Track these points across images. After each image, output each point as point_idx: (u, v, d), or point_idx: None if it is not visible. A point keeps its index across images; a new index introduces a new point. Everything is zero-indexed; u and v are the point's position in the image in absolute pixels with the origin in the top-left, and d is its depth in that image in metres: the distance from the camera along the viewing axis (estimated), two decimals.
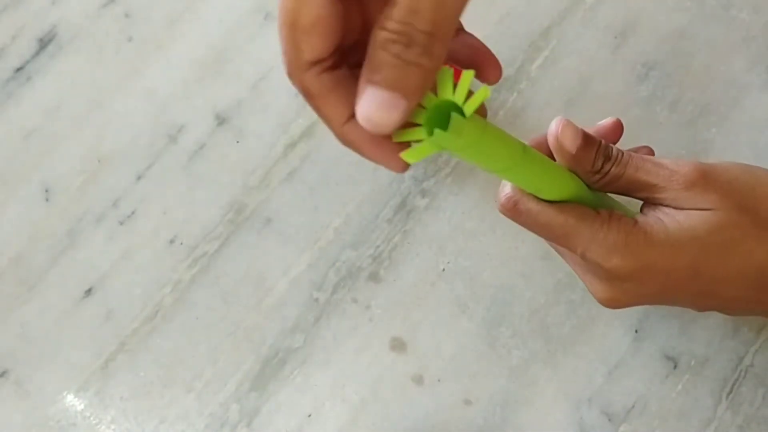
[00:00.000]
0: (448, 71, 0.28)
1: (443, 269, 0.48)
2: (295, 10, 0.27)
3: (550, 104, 0.50)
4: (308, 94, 0.29)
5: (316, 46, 0.27)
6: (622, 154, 0.35)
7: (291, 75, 0.29)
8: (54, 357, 0.47)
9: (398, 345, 0.47)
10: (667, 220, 0.34)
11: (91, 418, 0.46)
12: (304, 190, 0.49)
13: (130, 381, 0.47)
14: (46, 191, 0.50)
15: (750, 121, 0.49)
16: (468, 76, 0.27)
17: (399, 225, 0.48)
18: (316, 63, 0.28)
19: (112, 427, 0.46)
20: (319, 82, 0.28)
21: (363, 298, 0.48)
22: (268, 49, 0.51)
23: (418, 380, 0.46)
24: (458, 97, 0.27)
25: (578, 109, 0.50)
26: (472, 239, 0.48)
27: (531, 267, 0.47)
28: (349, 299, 0.48)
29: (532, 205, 0.35)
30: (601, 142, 0.35)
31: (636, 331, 0.46)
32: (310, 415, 0.46)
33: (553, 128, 0.35)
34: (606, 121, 0.39)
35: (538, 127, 0.49)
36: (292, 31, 0.27)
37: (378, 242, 0.48)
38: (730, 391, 0.45)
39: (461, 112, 0.27)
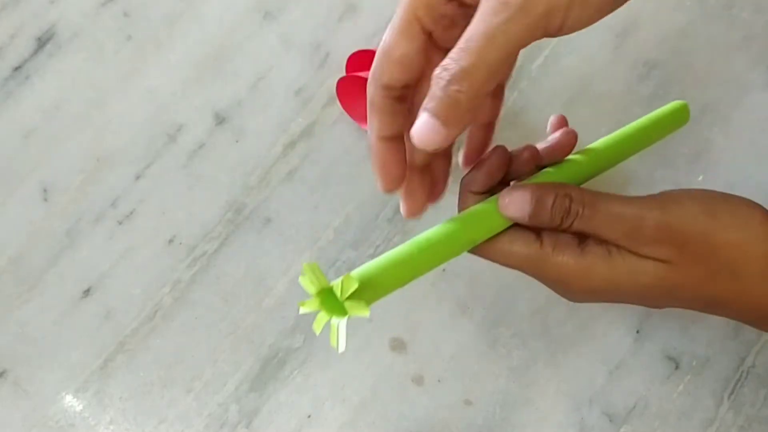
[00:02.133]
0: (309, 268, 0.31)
1: (444, 269, 0.47)
2: (393, 43, 0.33)
3: (551, 104, 0.50)
4: (371, 104, 0.35)
5: (394, 74, 0.34)
6: (583, 207, 0.35)
7: (369, 85, 0.35)
8: (53, 357, 0.47)
9: (398, 345, 0.47)
10: (616, 258, 0.35)
11: (90, 419, 0.46)
12: (304, 190, 0.49)
13: (130, 381, 0.47)
14: (45, 191, 0.50)
15: (751, 120, 0.49)
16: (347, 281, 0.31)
17: (399, 225, 0.48)
18: (388, 87, 0.34)
19: (111, 427, 0.46)
20: (382, 101, 0.35)
21: None
22: (268, 49, 0.51)
23: (418, 380, 0.46)
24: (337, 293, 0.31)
25: (579, 109, 0.49)
26: None
27: None
28: None
29: (483, 245, 0.36)
30: (555, 198, 0.35)
31: (637, 332, 0.46)
32: (309, 416, 0.46)
33: (500, 202, 0.36)
34: (556, 135, 0.39)
35: (539, 127, 0.49)
36: (384, 57, 0.34)
37: (378, 242, 0.48)
38: (732, 392, 0.45)
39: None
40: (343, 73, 0.50)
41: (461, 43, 0.30)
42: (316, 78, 0.50)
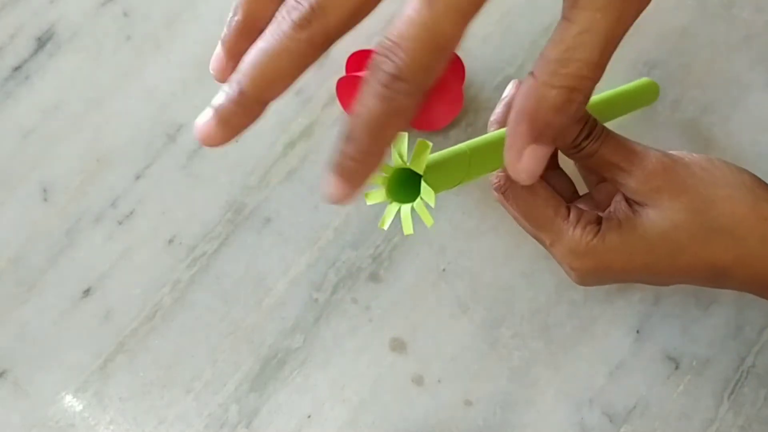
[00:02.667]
0: (402, 137, 0.33)
1: (443, 269, 0.47)
2: None
3: None
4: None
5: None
6: (606, 133, 0.37)
7: None
8: (52, 357, 0.47)
9: (398, 345, 0.47)
10: (624, 223, 0.37)
11: (90, 419, 0.46)
12: (304, 190, 0.49)
13: (129, 381, 0.47)
14: (45, 191, 0.49)
15: (752, 120, 0.49)
16: (423, 146, 0.32)
17: (399, 225, 0.48)
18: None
19: (111, 427, 0.46)
20: None
21: (363, 298, 0.47)
22: None
23: (418, 380, 0.46)
24: (415, 166, 0.33)
25: None
26: (473, 239, 0.48)
27: (532, 267, 0.47)
28: (348, 299, 0.47)
29: (518, 192, 0.38)
30: (589, 118, 0.37)
31: (637, 332, 0.46)
32: (309, 416, 0.46)
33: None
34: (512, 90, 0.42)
35: None
36: None
37: (378, 242, 0.48)
38: (732, 392, 0.45)
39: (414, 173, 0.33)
40: (344, 73, 0.50)
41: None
42: (316, 78, 0.50)
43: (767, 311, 0.46)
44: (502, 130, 0.39)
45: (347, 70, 0.49)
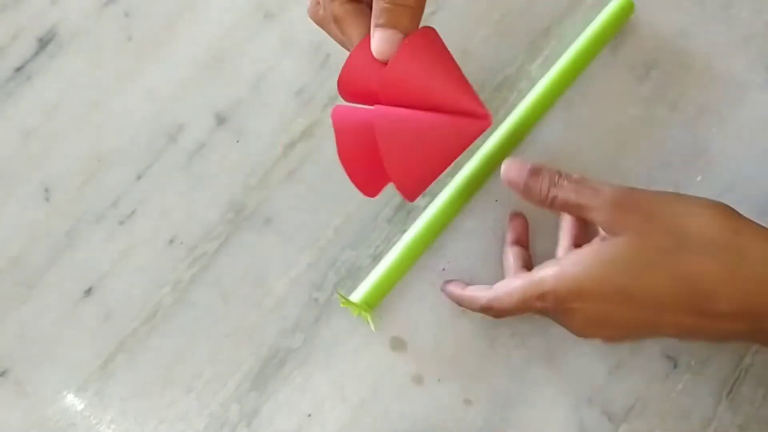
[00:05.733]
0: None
1: (443, 269, 0.48)
2: None
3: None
4: (336, 19, 0.40)
5: None
6: (568, 181, 0.39)
7: (322, 7, 0.40)
8: (53, 357, 0.47)
9: (398, 345, 0.47)
10: (595, 246, 0.38)
11: (91, 418, 0.46)
12: (304, 190, 0.49)
13: (130, 381, 0.47)
14: (46, 191, 0.50)
15: (750, 121, 0.49)
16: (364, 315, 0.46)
17: (399, 225, 0.48)
18: None
19: (112, 427, 0.46)
20: (344, 10, 0.39)
21: None
22: (268, 49, 0.51)
23: (418, 380, 0.46)
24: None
25: (578, 109, 0.49)
26: (472, 239, 0.48)
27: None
28: None
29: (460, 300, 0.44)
30: (548, 170, 0.40)
31: None
32: (310, 415, 0.46)
33: (502, 168, 0.42)
34: (515, 222, 0.47)
35: (538, 127, 0.49)
36: None
37: (378, 242, 0.48)
38: (730, 391, 0.45)
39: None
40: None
41: None
42: (316, 78, 0.51)
43: None
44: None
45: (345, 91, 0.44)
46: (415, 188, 0.40)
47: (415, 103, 0.39)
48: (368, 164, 0.40)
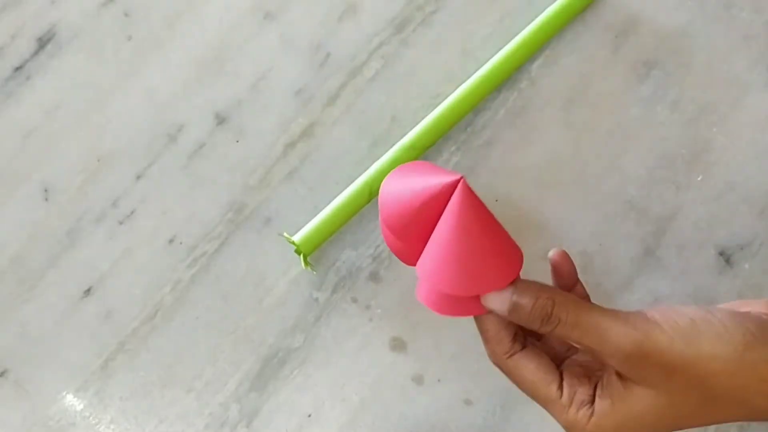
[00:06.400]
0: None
1: None
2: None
3: (551, 104, 0.50)
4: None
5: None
6: (567, 314, 0.35)
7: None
8: (53, 357, 0.47)
9: (398, 345, 0.47)
10: (617, 403, 0.35)
11: (91, 418, 0.46)
12: (304, 190, 0.49)
13: (130, 381, 0.47)
14: (46, 191, 0.50)
15: (751, 121, 0.49)
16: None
17: None
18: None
19: (112, 426, 0.46)
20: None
21: (363, 298, 0.48)
22: (268, 49, 0.51)
23: (418, 380, 0.46)
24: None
25: (578, 109, 0.49)
26: None
27: (531, 267, 0.47)
28: (349, 299, 0.47)
29: (510, 370, 0.38)
30: (536, 301, 0.36)
31: None
32: (310, 415, 0.46)
33: (482, 299, 0.37)
34: (553, 257, 0.41)
35: (538, 127, 0.49)
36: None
37: (378, 242, 0.48)
38: None
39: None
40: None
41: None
42: (316, 78, 0.51)
43: None
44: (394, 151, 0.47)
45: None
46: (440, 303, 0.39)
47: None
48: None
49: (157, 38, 0.52)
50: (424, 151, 0.48)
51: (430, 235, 0.36)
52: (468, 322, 0.47)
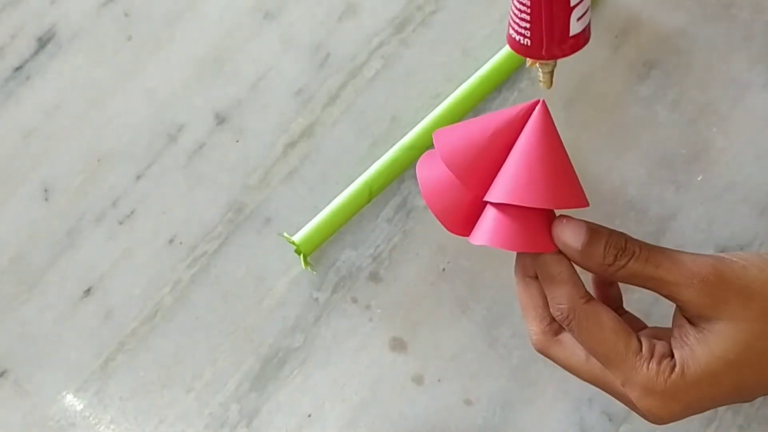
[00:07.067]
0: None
1: (443, 269, 0.48)
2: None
3: (551, 103, 0.49)
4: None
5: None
6: (640, 248, 0.34)
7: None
8: (53, 357, 0.47)
9: (398, 345, 0.47)
10: (699, 352, 0.33)
11: (91, 418, 0.46)
12: (304, 190, 0.49)
13: (130, 381, 0.47)
14: (46, 191, 0.50)
15: (751, 121, 0.49)
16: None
17: (399, 225, 0.48)
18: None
19: (112, 427, 0.46)
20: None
21: (363, 298, 0.48)
22: (268, 49, 0.51)
23: (418, 380, 0.46)
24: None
25: (578, 109, 0.49)
26: None
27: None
28: (349, 299, 0.47)
29: (584, 324, 0.35)
30: (610, 233, 0.35)
31: None
32: (310, 415, 0.46)
33: (555, 230, 0.36)
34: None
35: None
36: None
37: (378, 242, 0.48)
38: None
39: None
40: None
41: None
42: (316, 78, 0.51)
43: None
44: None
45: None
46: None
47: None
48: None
49: (157, 38, 0.52)
50: (424, 152, 0.48)
51: (499, 168, 0.36)
52: (468, 322, 0.47)
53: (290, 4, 0.52)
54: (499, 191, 0.36)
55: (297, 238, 0.47)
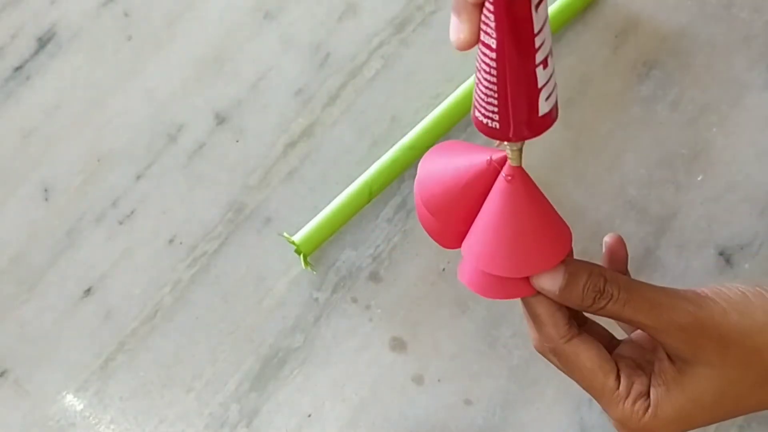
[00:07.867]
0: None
1: (443, 269, 0.48)
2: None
3: None
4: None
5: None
6: (619, 290, 0.34)
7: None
8: (53, 357, 0.47)
9: (398, 345, 0.47)
10: (674, 393, 0.34)
11: (91, 418, 0.46)
12: (304, 190, 0.49)
13: (130, 381, 0.47)
14: (46, 191, 0.50)
15: (751, 121, 0.49)
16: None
17: (399, 225, 0.48)
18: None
19: (112, 427, 0.46)
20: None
21: (363, 298, 0.48)
22: (268, 49, 0.51)
23: (418, 380, 0.46)
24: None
25: (578, 109, 0.49)
26: None
27: None
28: (349, 299, 0.47)
29: (564, 360, 0.36)
30: (589, 275, 0.35)
31: None
32: (310, 415, 0.46)
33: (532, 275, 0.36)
34: (610, 242, 0.40)
35: None
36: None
37: (378, 242, 0.48)
38: None
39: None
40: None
41: None
42: (316, 78, 0.51)
43: None
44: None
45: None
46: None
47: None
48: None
49: (157, 38, 0.52)
50: (424, 152, 0.48)
51: (475, 216, 0.35)
52: (468, 323, 0.47)
53: (290, 4, 0.52)
54: (470, 250, 0.35)
55: (297, 238, 0.47)
